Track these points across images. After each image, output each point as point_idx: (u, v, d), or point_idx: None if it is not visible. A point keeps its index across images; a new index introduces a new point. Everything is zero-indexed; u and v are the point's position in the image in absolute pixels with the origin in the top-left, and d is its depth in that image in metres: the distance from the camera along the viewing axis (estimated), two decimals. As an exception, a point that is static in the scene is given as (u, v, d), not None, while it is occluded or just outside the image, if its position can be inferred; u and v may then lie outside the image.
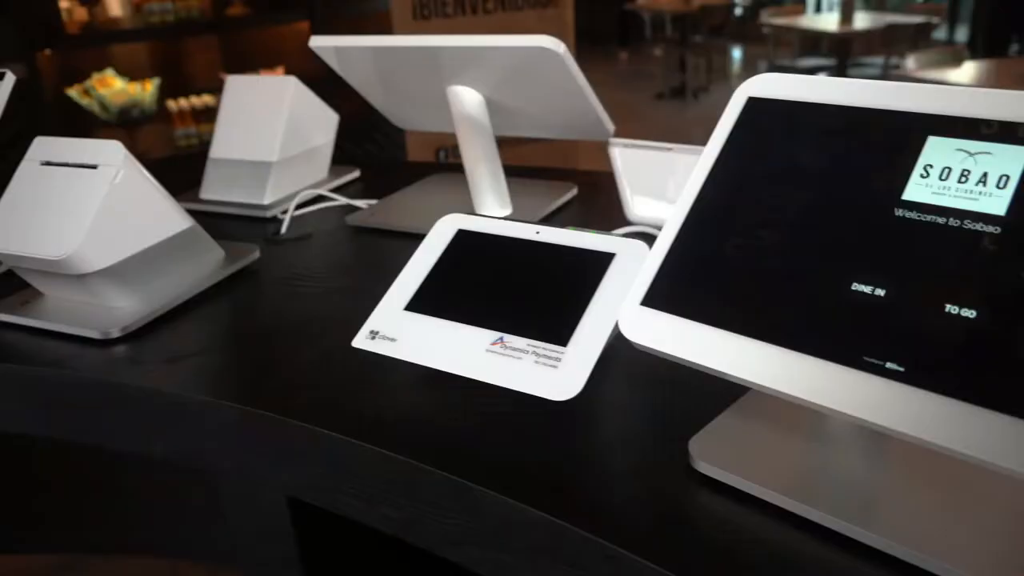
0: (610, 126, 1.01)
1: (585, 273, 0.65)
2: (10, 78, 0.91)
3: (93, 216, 0.77)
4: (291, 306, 0.85)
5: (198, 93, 3.34)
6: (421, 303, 0.69)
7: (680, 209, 0.57)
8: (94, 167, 0.80)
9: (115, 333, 0.79)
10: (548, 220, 1.04)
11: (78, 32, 3.05)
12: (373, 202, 1.11)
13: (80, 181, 0.80)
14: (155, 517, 1.24)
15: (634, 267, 0.64)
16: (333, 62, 1.06)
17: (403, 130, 3.63)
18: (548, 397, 0.59)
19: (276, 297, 0.87)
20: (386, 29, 3.02)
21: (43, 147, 0.84)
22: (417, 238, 0.99)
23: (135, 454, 0.77)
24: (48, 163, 0.83)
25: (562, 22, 3.38)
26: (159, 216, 0.84)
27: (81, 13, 3.30)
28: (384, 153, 3.47)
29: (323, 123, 1.19)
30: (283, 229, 1.05)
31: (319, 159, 1.20)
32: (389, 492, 0.62)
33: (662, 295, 0.55)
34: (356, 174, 1.24)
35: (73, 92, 3.06)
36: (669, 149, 0.93)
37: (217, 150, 1.15)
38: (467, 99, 1.00)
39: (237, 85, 1.17)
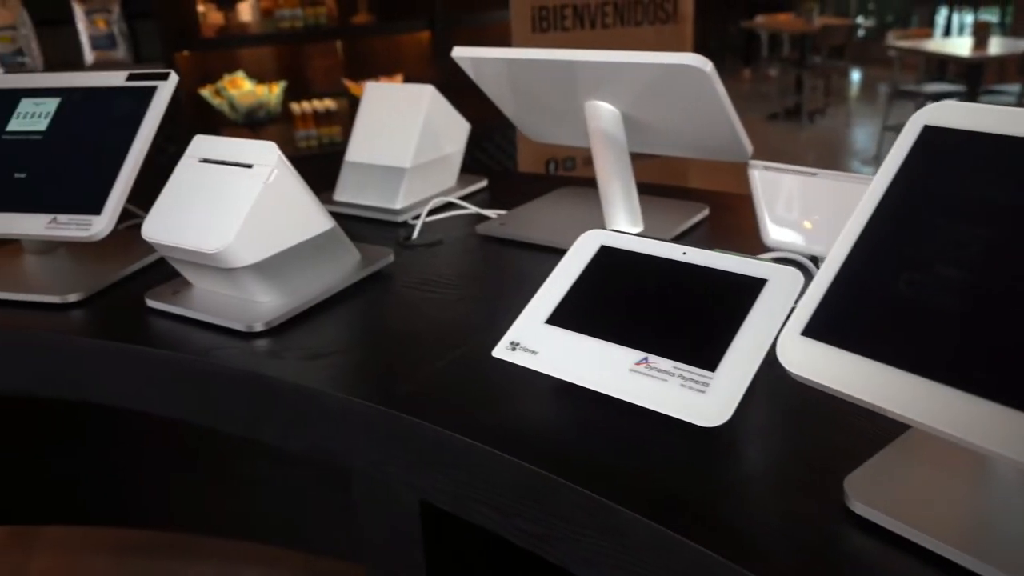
0: (749, 147, 0.99)
1: (734, 297, 0.64)
2: (174, 78, 0.95)
3: (247, 213, 0.80)
4: (425, 311, 0.86)
5: (320, 97, 3.46)
6: (563, 317, 0.68)
7: (847, 238, 0.55)
8: (249, 166, 0.83)
9: (258, 327, 0.82)
10: (680, 240, 1.03)
11: (213, 36, 3.20)
12: (502, 212, 1.12)
13: (235, 179, 0.83)
14: (285, 507, 1.28)
15: (787, 294, 0.62)
16: (471, 72, 1.08)
17: (513, 140, 3.66)
18: (696, 423, 0.58)
19: (410, 301, 0.88)
20: (505, 40, 3.06)
21: (201, 145, 0.88)
22: (548, 251, 1.00)
23: (271, 445, 0.80)
24: (206, 160, 0.87)
25: (681, 38, 3.34)
26: (305, 216, 0.87)
27: (217, 17, 3.47)
28: (493, 162, 3.51)
29: (455, 132, 1.21)
30: (415, 234, 1.06)
31: (450, 167, 1.22)
32: (524, 505, 0.62)
33: (825, 326, 0.53)
34: (483, 183, 1.25)
35: (206, 92, 3.21)
36: (814, 174, 0.90)
37: (353, 154, 1.18)
38: (604, 114, 1.00)
39: (375, 92, 1.20)
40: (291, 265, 0.86)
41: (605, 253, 0.72)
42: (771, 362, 0.59)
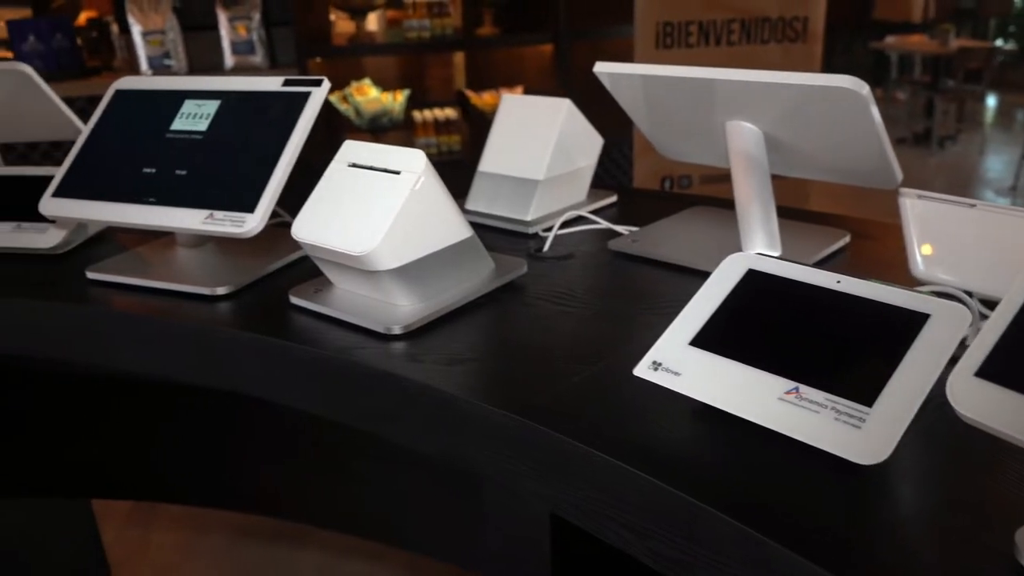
0: (899, 175, 0.95)
1: (893, 331, 0.61)
2: (326, 85, 0.99)
3: (393, 218, 0.82)
4: (559, 324, 0.86)
5: (441, 106, 3.53)
6: (708, 340, 0.67)
7: (1029, 276, 0.52)
8: (397, 173, 0.85)
9: (396, 330, 0.84)
10: (819, 267, 0.99)
11: (344, 44, 3.31)
12: (633, 228, 1.11)
13: (383, 184, 0.85)
14: (393, 505, 1.31)
15: (952, 331, 0.59)
16: (609, 86, 1.08)
17: (629, 156, 3.63)
18: (852, 459, 0.56)
19: (543, 313, 0.89)
20: (627, 56, 3.05)
21: (351, 150, 0.91)
22: (681, 270, 0.99)
23: (403, 447, 0.81)
24: (354, 165, 0.90)
25: (810, 58, 3.25)
26: (447, 223, 0.88)
27: (347, 26, 3.60)
28: (608, 176, 3.50)
29: (589, 146, 1.21)
30: (546, 247, 1.07)
31: (581, 181, 1.22)
32: (661, 527, 0.61)
33: (1002, 368, 0.50)
34: (613, 199, 1.25)
35: (333, 97, 3.33)
36: (972, 205, 0.86)
37: (486, 164, 1.20)
38: (746, 134, 0.98)
39: (512, 103, 1.21)
40: (430, 271, 0.88)
41: (753, 277, 0.71)
42: (926, 400, 0.57)
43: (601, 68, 1.05)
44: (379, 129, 3.31)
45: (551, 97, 1.18)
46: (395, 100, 3.31)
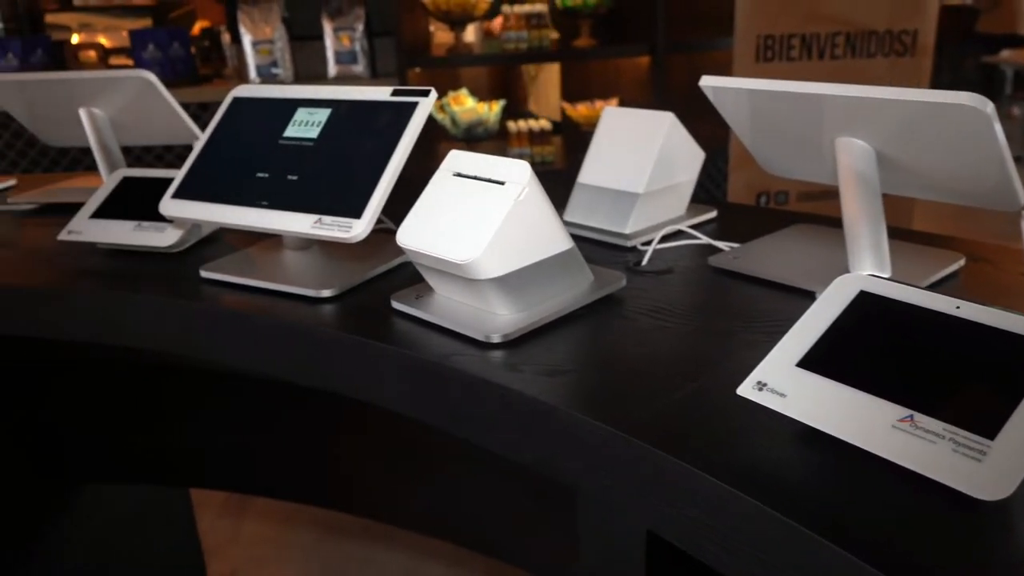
0: (1022, 196, 0.91)
1: (1018, 361, 0.58)
2: (433, 95, 1.01)
3: (497, 228, 0.83)
4: (658, 340, 0.85)
5: (535, 117, 3.55)
6: (816, 362, 0.66)
7: None
8: (501, 183, 0.86)
9: (496, 338, 0.85)
10: (932, 290, 0.95)
11: (443, 54, 3.37)
12: (734, 244, 1.09)
13: (487, 194, 0.87)
14: (478, 511, 1.32)
15: (1084, 364, 0.56)
16: (713, 100, 1.06)
17: (724, 170, 3.58)
18: (972, 494, 0.53)
19: (642, 328, 0.88)
20: (725, 70, 3.01)
21: (456, 160, 0.93)
22: (785, 289, 0.97)
23: (497, 455, 0.82)
24: (459, 175, 0.91)
25: (918, 72, 3.14)
26: (549, 235, 0.89)
27: (445, 37, 3.66)
28: (702, 190, 3.45)
29: (690, 160, 1.20)
30: (644, 261, 1.06)
31: (681, 195, 1.21)
32: (764, 552, 0.59)
33: None
34: (713, 214, 1.23)
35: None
36: (1104, 230, 0.81)
37: (586, 176, 1.20)
38: (857, 152, 0.95)
39: (613, 116, 1.21)
40: (531, 281, 0.88)
41: (865, 299, 0.68)
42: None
43: (707, 82, 1.04)
44: (474, 139, 3.35)
45: (654, 110, 1.17)
46: (491, 110, 3.35)
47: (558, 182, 1.26)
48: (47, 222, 1.42)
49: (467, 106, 3.35)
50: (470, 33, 3.76)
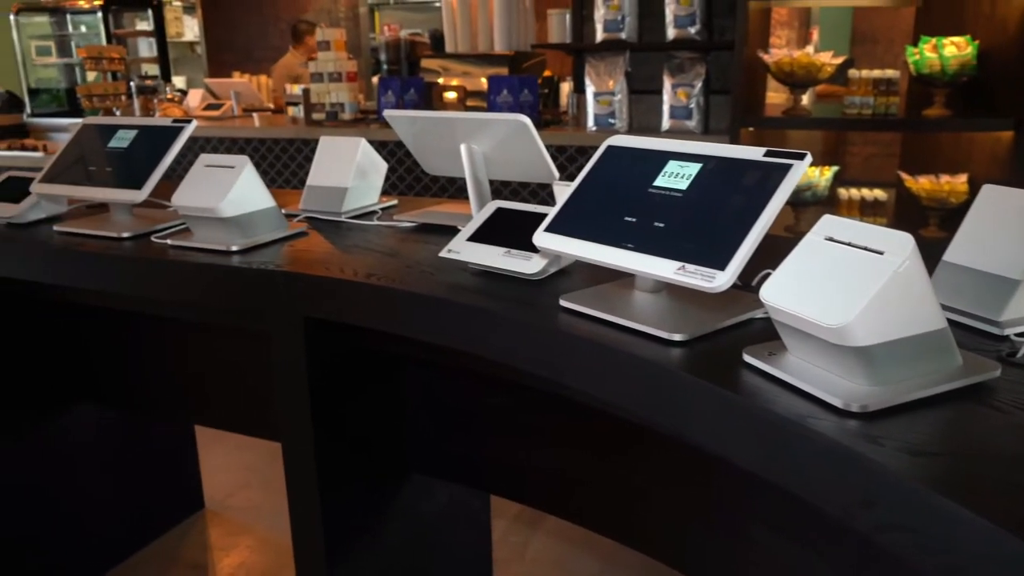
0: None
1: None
2: (808, 158, 1.03)
3: (871, 296, 0.83)
4: (1042, 438, 0.79)
5: (869, 186, 3.39)
6: None
7: None
8: (880, 252, 0.86)
9: (855, 407, 0.84)
10: None
11: (778, 115, 3.34)
12: None
13: (864, 262, 0.86)
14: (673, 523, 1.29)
15: None
16: None
17: None
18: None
19: (1019, 423, 0.82)
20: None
21: (829, 225, 0.94)
22: None
23: (849, 523, 0.81)
24: (831, 239, 0.92)
25: None
26: (924, 311, 0.86)
27: (777, 98, 3.62)
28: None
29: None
30: (1021, 352, 0.99)
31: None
32: None
33: None
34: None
35: (759, 167, 3.36)
36: None
37: (955, 255, 1.14)
38: None
39: (993, 193, 1.14)
40: (897, 355, 0.86)
41: None
42: None
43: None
44: (801, 203, 3.27)
45: (1046, 192, 1.09)
46: (822, 175, 3.25)
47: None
48: (423, 239, 1.63)
49: (798, 169, 3.28)
50: (806, 95, 3.68)
